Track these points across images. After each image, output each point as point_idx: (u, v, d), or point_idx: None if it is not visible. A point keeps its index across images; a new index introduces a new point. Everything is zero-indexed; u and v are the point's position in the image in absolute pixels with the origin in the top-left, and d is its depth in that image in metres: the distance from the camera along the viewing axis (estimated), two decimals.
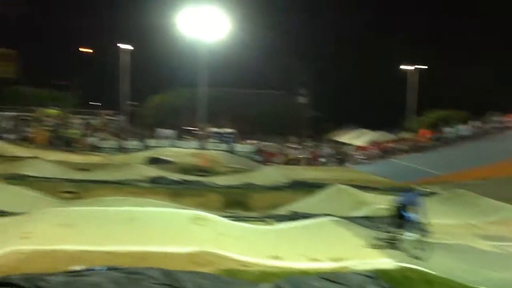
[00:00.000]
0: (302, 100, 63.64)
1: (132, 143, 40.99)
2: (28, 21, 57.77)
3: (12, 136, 38.05)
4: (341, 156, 39.83)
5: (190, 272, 8.76)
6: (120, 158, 34.49)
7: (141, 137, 42.14)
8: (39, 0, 61.25)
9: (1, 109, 43.64)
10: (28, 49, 58.79)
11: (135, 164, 27.52)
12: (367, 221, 14.16)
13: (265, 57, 54.84)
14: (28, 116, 42.58)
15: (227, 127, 46.15)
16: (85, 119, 44.45)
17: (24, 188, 18.51)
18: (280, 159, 38.04)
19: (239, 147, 41.83)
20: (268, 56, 55.45)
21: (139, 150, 38.68)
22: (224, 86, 51.92)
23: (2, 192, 17.18)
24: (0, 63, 64.29)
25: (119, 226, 11.32)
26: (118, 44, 48.26)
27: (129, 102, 50.83)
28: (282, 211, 17.51)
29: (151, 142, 41.10)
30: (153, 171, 25.01)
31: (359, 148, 42.20)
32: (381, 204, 15.84)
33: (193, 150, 36.95)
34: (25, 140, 37.81)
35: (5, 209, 13.70)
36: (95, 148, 38.77)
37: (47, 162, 26.71)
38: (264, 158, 38.45)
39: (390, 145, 40.31)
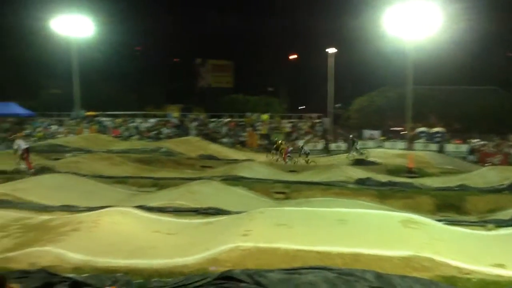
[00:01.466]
0: None
1: (337, 145, 41.62)
2: (240, 33, 62.27)
3: (229, 141, 41.49)
4: None
5: (405, 277, 8.52)
6: (326, 159, 35.22)
7: (346, 139, 42.50)
8: (250, 14, 65.51)
9: (220, 116, 47.88)
10: (241, 59, 63.58)
11: (340, 166, 27.80)
12: None
13: (478, 52, 50.94)
14: (242, 121, 45.99)
15: (436, 127, 44.00)
16: (293, 122, 46.34)
17: (241, 189, 19.98)
18: (499, 159, 34.91)
19: (450, 147, 39.58)
20: (482, 51, 51.42)
21: (344, 151, 39.06)
22: (433, 84, 49.53)
23: (222, 192, 18.79)
24: (220, 74, 70.98)
25: (330, 227, 11.51)
26: (326, 50, 49.16)
27: (334, 105, 51.63)
28: (502, 215, 16.02)
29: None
30: (359, 173, 24.96)
31: None
32: None
33: (400, 151, 36.01)
34: (240, 144, 40.90)
35: (225, 208, 14.90)
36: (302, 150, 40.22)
37: (259, 164, 28.49)
38: (480, 158, 35.73)
39: None
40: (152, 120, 47.00)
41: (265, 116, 46.52)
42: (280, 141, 34.76)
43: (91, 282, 8.75)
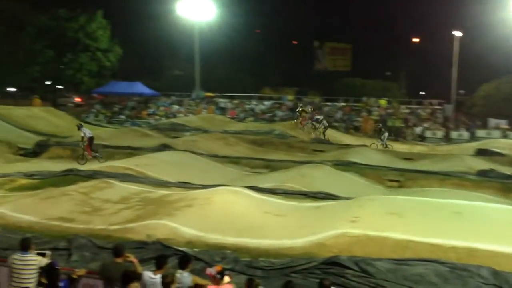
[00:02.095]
0: None
1: (459, 133, 39.44)
2: (360, 15, 60.84)
3: (342, 125, 40.95)
4: None
5: None
6: (445, 148, 33.55)
7: (468, 127, 40.17)
8: None
9: (335, 100, 47.35)
10: (359, 41, 62.14)
11: (461, 155, 26.30)
12: None
13: None
14: (357, 106, 45.11)
15: None
16: (412, 109, 44.65)
17: (352, 175, 19.66)
18: None
19: None
20: None
21: (466, 140, 36.95)
22: None
23: (333, 177, 18.60)
24: (338, 57, 70.07)
25: (444, 218, 10.97)
26: (453, 32, 46.54)
27: (457, 91, 48.90)
28: None
29: (480, 132, 38.75)
30: (482, 164, 23.45)
31: None
32: None
33: None
34: (354, 129, 40.20)
35: (335, 193, 14.74)
36: (420, 138, 38.69)
37: (373, 151, 27.82)
38: None
39: None
40: (267, 103, 47.62)
41: (382, 101, 45.23)
42: (302, 108, 35.94)
43: (202, 257, 9.10)
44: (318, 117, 33.67)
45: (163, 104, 47.66)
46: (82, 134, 21.80)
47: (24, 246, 7.17)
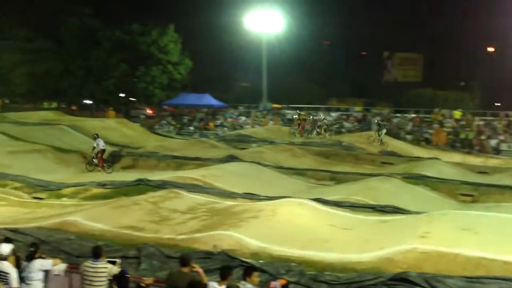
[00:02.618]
0: None
1: None
2: (431, 25, 59.30)
3: (412, 137, 39.84)
4: None
5: None
6: None
7: None
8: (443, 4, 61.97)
9: (405, 111, 46.22)
10: (431, 51, 60.51)
11: None
12: None
13: None
14: (428, 117, 43.79)
15: None
16: (486, 120, 42.83)
17: (423, 188, 19.05)
18: None
19: None
20: None
21: None
22: None
23: (402, 190, 18.13)
24: (408, 68, 68.56)
25: None
26: None
27: None
28: None
29: None
30: None
31: None
32: None
33: None
34: (425, 141, 39.02)
35: (404, 207, 14.33)
36: (495, 151, 37.00)
37: (445, 164, 26.86)
38: None
39: None
40: (334, 114, 47.18)
41: (457, 113, 43.61)
42: (299, 114, 37.26)
43: (267, 269, 9.08)
44: (320, 123, 35.79)
45: (230, 115, 48.28)
46: (95, 145, 22.74)
47: (96, 253, 7.41)
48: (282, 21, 48.96)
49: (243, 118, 47.28)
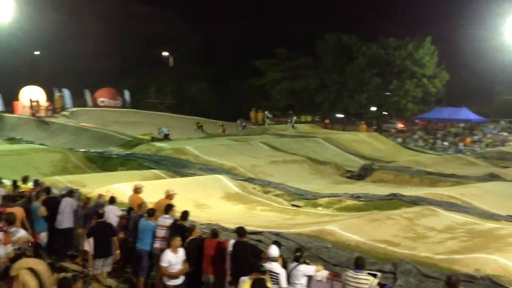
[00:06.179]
0: None
1: None
2: None
3: None
4: None
5: None
6: None
7: None
8: None
9: None
10: None
11: None
12: None
13: None
14: None
15: None
16: None
17: None
18: None
19: None
20: None
21: None
22: None
23: None
24: None
25: None
26: None
27: None
28: None
29: None
30: None
31: None
32: None
33: None
34: None
35: None
36: None
37: None
38: None
39: None
40: None
41: None
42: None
43: None
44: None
45: (490, 130, 44.58)
46: None
47: (359, 264, 7.48)
48: None
49: (505, 133, 43.21)
